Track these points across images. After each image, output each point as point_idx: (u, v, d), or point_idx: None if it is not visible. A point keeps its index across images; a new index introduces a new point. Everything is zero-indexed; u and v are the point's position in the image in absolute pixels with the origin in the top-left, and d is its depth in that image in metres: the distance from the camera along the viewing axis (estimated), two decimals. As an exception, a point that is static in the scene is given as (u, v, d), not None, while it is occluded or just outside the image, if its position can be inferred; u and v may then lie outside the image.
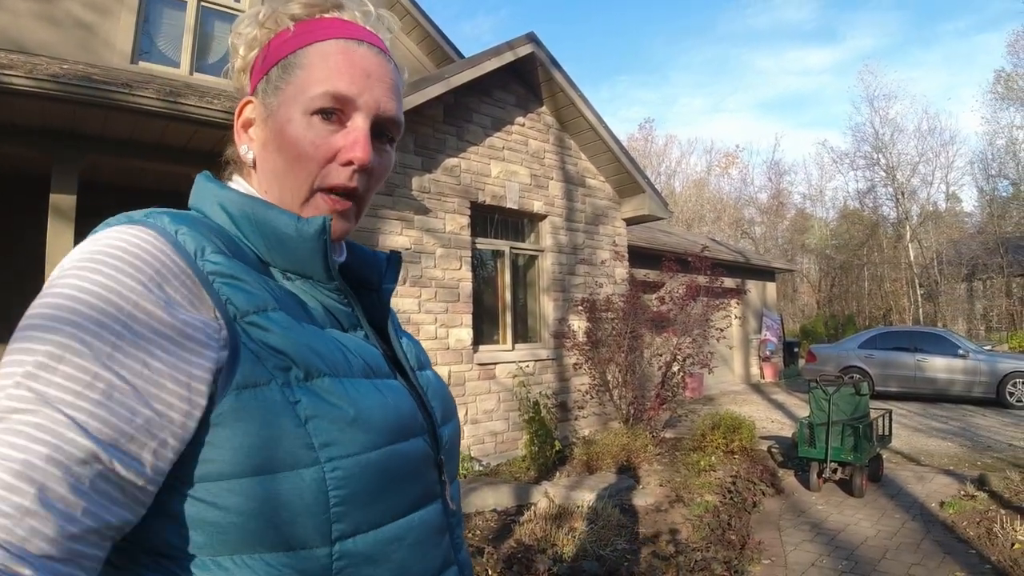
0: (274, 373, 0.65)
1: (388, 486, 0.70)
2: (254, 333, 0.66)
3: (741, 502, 5.76)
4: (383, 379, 0.77)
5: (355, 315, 0.81)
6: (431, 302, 7.05)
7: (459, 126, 7.58)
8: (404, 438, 0.74)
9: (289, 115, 0.75)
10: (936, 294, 30.35)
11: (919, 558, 4.60)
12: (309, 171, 0.76)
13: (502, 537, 4.99)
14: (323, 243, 0.74)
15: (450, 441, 0.85)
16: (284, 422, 0.64)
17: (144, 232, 0.64)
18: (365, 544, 0.68)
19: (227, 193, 0.78)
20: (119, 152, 5.61)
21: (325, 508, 0.64)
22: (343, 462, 0.66)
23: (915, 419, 10.78)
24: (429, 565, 0.75)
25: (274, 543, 0.63)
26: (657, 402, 8.25)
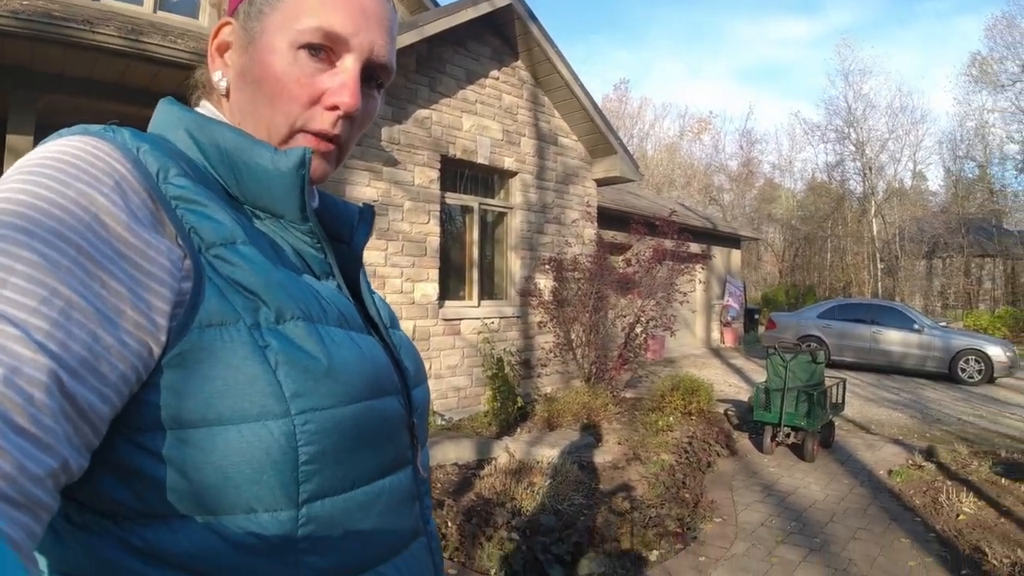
0: (242, 312, 0.58)
1: (361, 445, 0.64)
2: (220, 267, 0.59)
3: (696, 462, 5.88)
4: (357, 332, 0.70)
5: (328, 262, 0.74)
6: (398, 256, 6.99)
7: (432, 77, 7.43)
8: (379, 395, 0.68)
9: (273, 45, 0.68)
10: (896, 269, 31.04)
11: (865, 523, 4.76)
12: (290, 110, 0.69)
13: (462, 490, 5.04)
14: (301, 178, 0.67)
15: (421, 404, 0.79)
16: (251, 367, 0.57)
17: (102, 144, 0.57)
18: (334, 508, 0.62)
19: (194, 117, 0.70)
20: (78, 92, 5.41)
21: (294, 466, 0.58)
22: (316, 415, 0.59)
23: (868, 389, 11.07)
24: (398, 534, 0.70)
25: (233, 504, 0.56)
26: (619, 362, 8.35)
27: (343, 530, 0.62)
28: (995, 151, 31.69)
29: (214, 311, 0.57)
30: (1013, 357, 11.87)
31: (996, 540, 4.24)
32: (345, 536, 0.63)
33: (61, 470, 0.45)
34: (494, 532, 4.01)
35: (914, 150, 36.14)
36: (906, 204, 34.39)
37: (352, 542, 0.63)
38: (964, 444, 6.81)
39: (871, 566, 3.99)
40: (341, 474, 0.62)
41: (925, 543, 4.34)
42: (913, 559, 4.09)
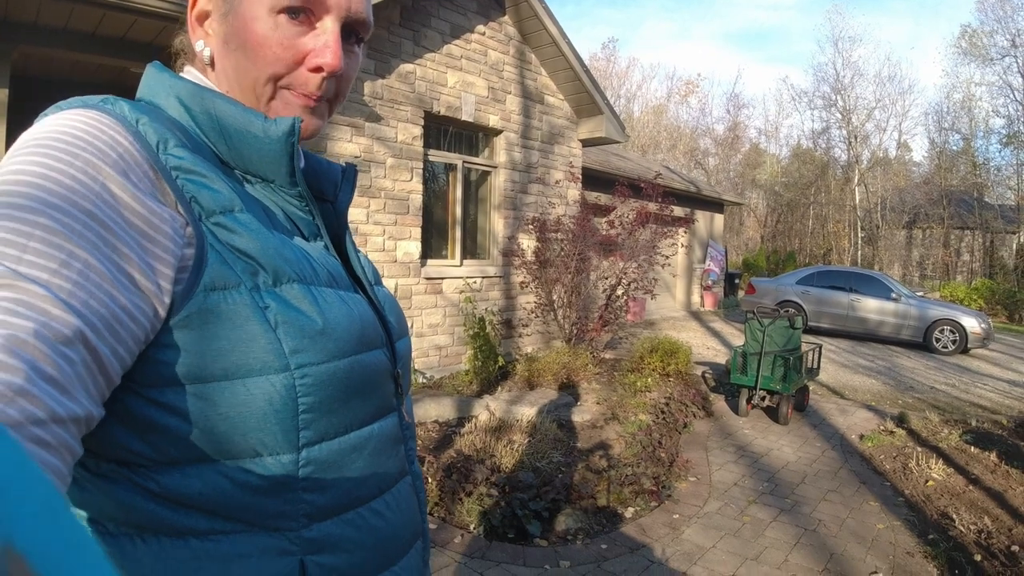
0: (242, 276, 0.63)
1: (353, 395, 0.70)
2: (220, 234, 0.63)
3: (673, 423, 5.96)
4: (345, 291, 0.75)
5: (316, 224, 0.78)
6: (380, 213, 6.93)
7: (416, 30, 7.28)
8: (367, 349, 0.73)
9: (253, 12, 0.69)
10: (876, 238, 31.30)
11: (836, 485, 4.85)
12: (275, 72, 0.71)
13: (443, 447, 5.08)
14: (290, 145, 0.71)
15: (404, 355, 0.85)
16: (254, 327, 0.62)
17: (103, 117, 0.59)
18: (330, 451, 0.68)
19: (185, 85, 0.71)
20: (53, 42, 5.25)
21: (294, 415, 0.64)
22: (312, 369, 0.65)
23: (843, 355, 11.23)
24: (386, 474, 0.76)
25: (240, 450, 0.62)
26: (599, 324, 8.39)
27: (338, 470, 0.69)
28: (980, 124, 31.81)
29: (217, 276, 0.61)
30: (987, 329, 12.06)
31: (964, 507, 4.35)
32: (340, 476, 0.69)
33: (84, 418, 0.48)
34: (474, 488, 4.05)
35: (900, 120, 36.33)
36: (889, 174, 34.56)
37: (346, 481, 0.70)
38: (935, 412, 6.95)
39: (840, 527, 4.08)
40: (336, 421, 0.68)
41: (894, 507, 4.44)
42: (881, 522, 4.19)
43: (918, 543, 3.88)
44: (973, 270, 28.71)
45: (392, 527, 0.76)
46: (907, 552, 3.77)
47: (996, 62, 29.31)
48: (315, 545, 0.67)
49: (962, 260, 29.59)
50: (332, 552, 0.69)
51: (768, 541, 3.85)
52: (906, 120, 35.25)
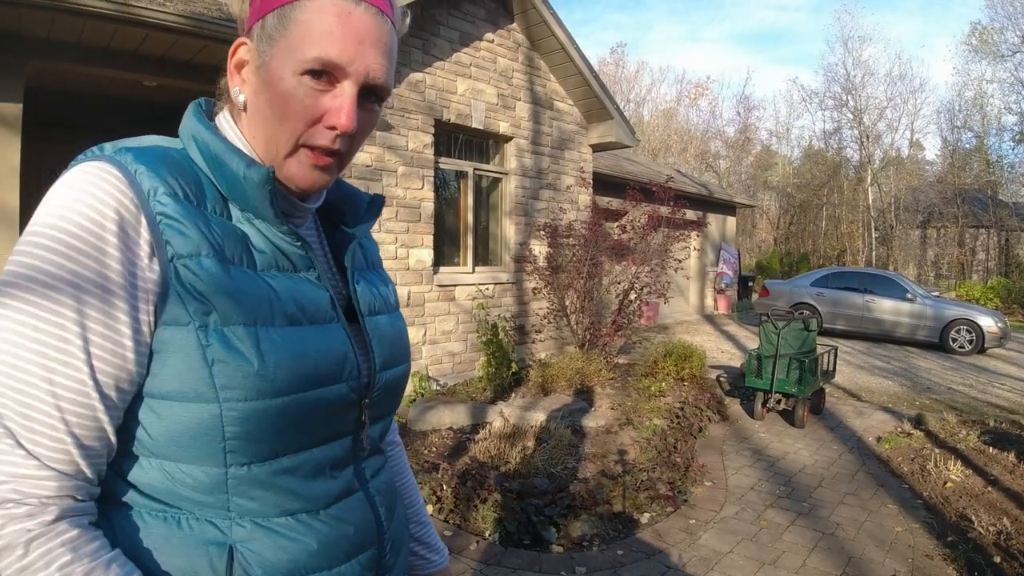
0: (194, 316, 0.73)
1: (287, 427, 0.77)
2: (184, 275, 0.73)
3: (688, 427, 5.94)
4: (320, 324, 0.83)
5: (309, 257, 0.85)
6: (392, 221, 6.96)
7: (425, 39, 7.33)
8: (319, 386, 0.80)
9: (281, 72, 0.77)
10: (890, 238, 31.05)
11: (853, 488, 4.82)
12: (296, 128, 0.78)
13: (457, 454, 5.09)
14: (268, 191, 0.78)
15: (388, 385, 0.92)
16: (194, 361, 0.72)
17: (108, 173, 0.71)
18: (259, 471, 0.77)
19: (199, 129, 0.81)
20: (66, 57, 5.32)
21: (221, 439, 0.73)
22: (239, 404, 0.73)
23: (859, 357, 11.15)
24: (325, 492, 0.83)
25: (178, 456, 0.74)
26: (613, 328, 8.38)
27: (266, 488, 0.78)
28: (993, 122, 31.48)
29: (173, 313, 0.73)
30: (1004, 328, 11.94)
31: (983, 508, 4.30)
32: (268, 492, 0.78)
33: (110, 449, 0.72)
34: (488, 495, 4.06)
35: (912, 119, 36.05)
36: (902, 173, 34.30)
37: (274, 495, 0.79)
38: (953, 413, 6.89)
39: (858, 530, 4.06)
40: (265, 448, 0.77)
41: (912, 509, 4.41)
42: (900, 525, 4.16)
43: (937, 545, 3.85)
44: (989, 269, 28.43)
45: (327, 540, 0.83)
46: (926, 555, 3.74)
47: (1007, 59, 29.05)
48: (245, 537, 0.77)
49: (977, 259, 29.30)
50: (261, 545, 0.77)
51: (786, 545, 3.83)
52: (918, 119, 35.09)
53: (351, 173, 6.52)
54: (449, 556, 3.42)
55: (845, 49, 45.14)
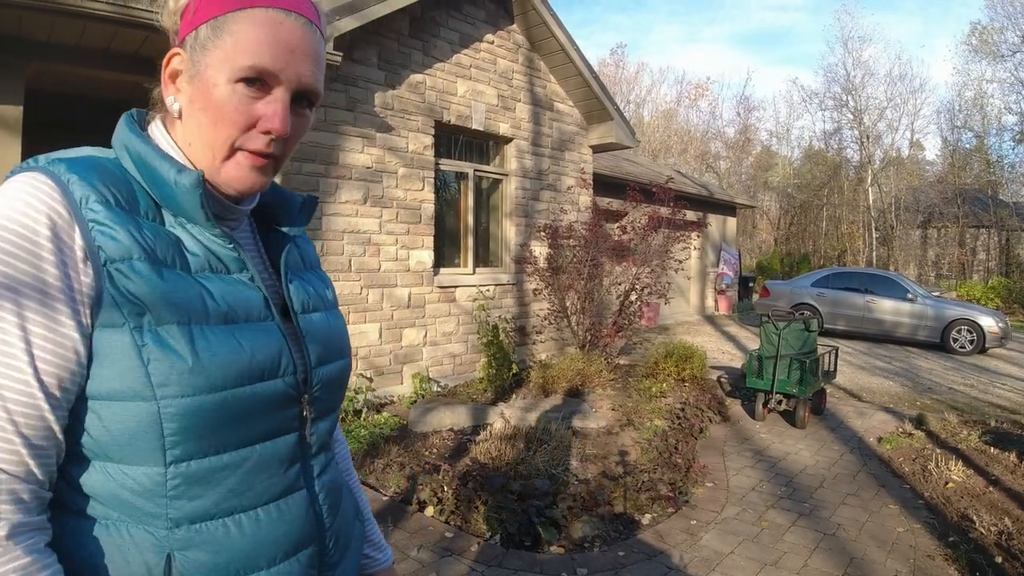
0: (128, 317, 0.75)
1: (225, 423, 0.80)
2: (117, 278, 0.75)
3: (689, 428, 5.94)
4: (254, 323, 0.86)
5: (241, 259, 0.88)
6: (392, 223, 6.96)
7: (425, 41, 7.33)
8: (255, 381, 0.83)
9: (216, 80, 0.80)
10: (891, 239, 31.04)
11: (855, 488, 4.82)
12: (232, 134, 0.82)
13: (458, 455, 5.09)
14: (198, 196, 0.82)
15: (327, 380, 0.94)
16: (130, 361, 0.75)
17: (41, 182, 0.75)
18: (199, 468, 0.79)
19: (130, 138, 0.85)
20: (66, 59, 5.31)
21: (160, 436, 0.76)
22: (176, 401, 0.76)
23: (860, 357, 11.15)
24: (266, 490, 0.86)
25: (119, 457, 0.77)
26: (613, 329, 8.38)
27: (207, 485, 0.80)
28: (993, 122, 31.45)
29: (108, 316, 0.75)
30: (1005, 328, 11.94)
31: (984, 508, 4.30)
32: (209, 489, 0.80)
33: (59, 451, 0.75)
34: (489, 496, 4.06)
35: (912, 119, 36.03)
36: (902, 173, 34.29)
37: (215, 492, 0.81)
38: (954, 413, 6.89)
39: (860, 531, 4.06)
40: (204, 444, 0.79)
41: (914, 510, 4.41)
42: (901, 525, 4.15)
43: (938, 546, 3.84)
44: (989, 269, 28.41)
45: (265, 538, 0.85)
46: (927, 555, 3.74)
47: (1007, 59, 29.03)
48: (182, 543, 0.79)
49: (978, 259, 29.29)
50: (199, 550, 0.80)
51: (787, 546, 3.83)
52: (918, 119, 35.09)
53: (351, 174, 6.52)
54: (450, 557, 3.42)
55: (845, 49, 45.20)
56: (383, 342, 6.90)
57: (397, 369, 7.07)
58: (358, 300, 6.65)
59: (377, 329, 6.84)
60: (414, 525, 3.87)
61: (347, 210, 6.50)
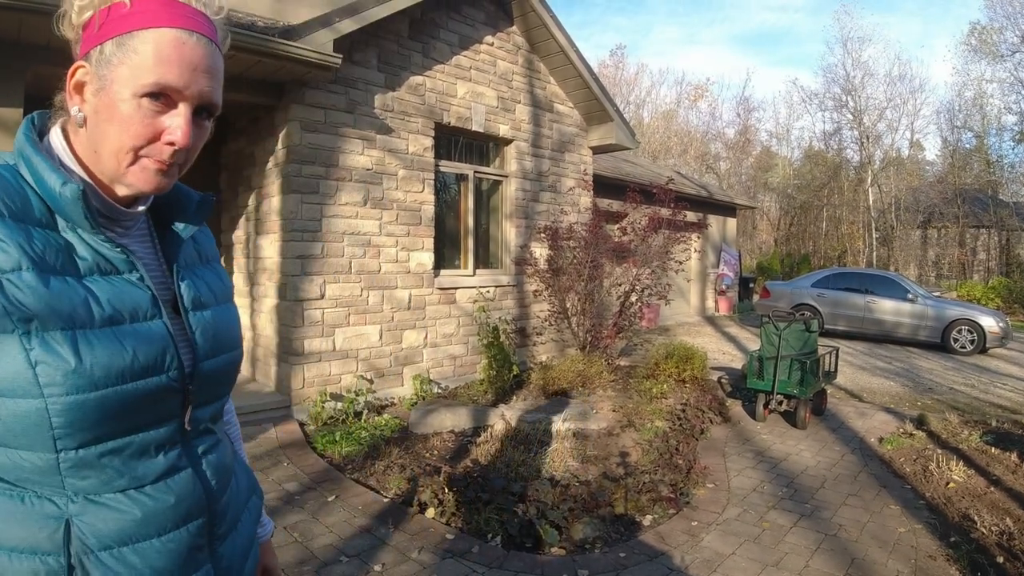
0: (17, 324, 0.82)
1: (107, 418, 0.87)
2: (8, 288, 0.81)
3: (689, 429, 5.93)
4: (140, 322, 0.92)
5: (131, 260, 0.95)
6: (392, 224, 6.96)
7: (425, 42, 7.33)
8: (136, 379, 0.90)
9: (122, 94, 0.86)
10: (891, 239, 31.03)
11: (856, 489, 4.82)
12: (136, 144, 0.89)
13: (459, 457, 5.09)
14: (80, 207, 0.88)
15: (213, 373, 1.03)
16: (19, 363, 0.82)
17: None
18: (87, 454, 0.88)
19: (25, 146, 0.91)
20: (66, 63, 5.29)
21: (48, 428, 0.84)
22: (61, 399, 0.83)
23: (861, 358, 11.14)
24: (149, 470, 0.94)
25: (17, 444, 0.85)
26: (614, 331, 8.38)
27: (95, 467, 0.89)
28: (993, 121, 31.41)
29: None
30: (1005, 328, 11.93)
31: (985, 508, 4.30)
32: (96, 471, 0.89)
33: None
34: (491, 498, 4.06)
35: (912, 119, 36.02)
36: (902, 174, 34.27)
37: (103, 474, 0.90)
38: (955, 413, 6.88)
39: (861, 531, 4.05)
40: (89, 434, 0.87)
41: (915, 510, 4.40)
42: (903, 526, 4.15)
43: (940, 546, 3.84)
44: (990, 268, 28.40)
45: (153, 510, 0.94)
46: (929, 555, 3.73)
47: (1007, 59, 28.98)
48: (79, 511, 0.89)
49: (978, 259, 29.27)
50: (94, 518, 0.89)
51: (788, 547, 3.82)
52: (918, 119, 35.10)
53: (351, 176, 6.53)
54: (451, 559, 3.41)
55: (845, 50, 45.18)
56: (383, 344, 6.90)
57: (397, 371, 7.07)
58: (358, 302, 6.65)
59: (377, 331, 6.84)
60: (415, 527, 3.86)
61: (347, 212, 6.50)
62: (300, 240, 6.15)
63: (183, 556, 0.98)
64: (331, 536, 3.73)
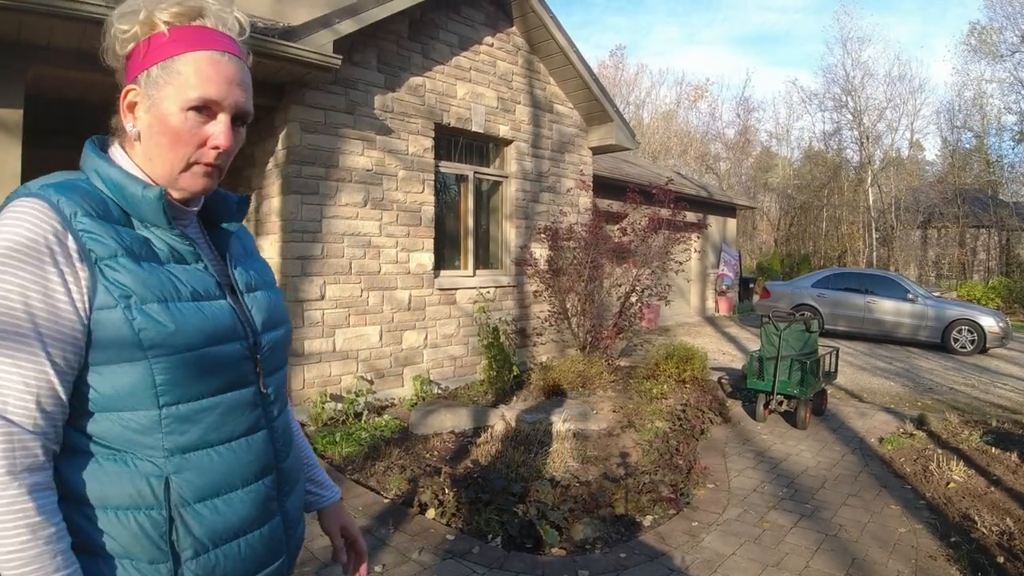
0: (119, 300, 0.97)
1: (200, 375, 1.04)
2: (107, 272, 0.97)
3: (690, 429, 5.93)
4: (210, 300, 1.09)
5: (196, 252, 1.11)
6: (392, 225, 6.96)
7: (425, 43, 7.34)
8: (218, 344, 1.07)
9: (171, 109, 1.03)
10: (891, 239, 31.03)
11: (856, 489, 4.81)
12: (186, 152, 1.06)
13: (459, 457, 5.09)
14: (162, 205, 1.05)
15: (272, 343, 1.20)
16: (125, 332, 0.97)
17: (35, 205, 0.95)
18: (186, 410, 1.03)
19: (100, 164, 1.06)
20: (66, 63, 5.30)
21: (152, 386, 0.99)
22: (163, 359, 0.99)
23: (861, 358, 11.14)
24: (236, 427, 1.10)
25: (123, 406, 0.99)
26: (614, 331, 8.38)
27: (192, 423, 1.04)
28: (992, 121, 31.39)
29: (103, 301, 0.97)
30: (1006, 328, 11.93)
31: (985, 508, 4.30)
32: (193, 426, 1.04)
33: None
34: (491, 498, 4.06)
35: (912, 119, 35.98)
36: (902, 174, 34.27)
37: (198, 428, 1.05)
38: (955, 413, 6.88)
39: (861, 532, 4.05)
40: (186, 392, 1.03)
41: (915, 510, 4.40)
42: (903, 526, 4.15)
43: (940, 546, 3.84)
44: (990, 268, 28.39)
45: (239, 463, 1.10)
46: (929, 555, 3.73)
47: (1006, 59, 28.96)
48: (176, 467, 1.02)
49: (978, 259, 29.27)
50: (190, 473, 1.03)
51: (789, 547, 3.82)
52: (918, 119, 35.11)
53: (351, 177, 6.53)
54: (451, 560, 3.41)
55: (844, 50, 45.10)
56: (383, 344, 6.90)
57: (398, 371, 7.07)
58: (359, 302, 6.65)
59: (378, 331, 6.84)
60: (415, 527, 3.86)
61: (347, 213, 6.50)
62: (300, 241, 6.15)
63: (261, 506, 1.14)
64: (331, 537, 3.72)
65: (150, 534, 1.00)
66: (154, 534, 1.00)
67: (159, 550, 1.01)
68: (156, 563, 1.01)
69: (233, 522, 1.08)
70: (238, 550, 1.10)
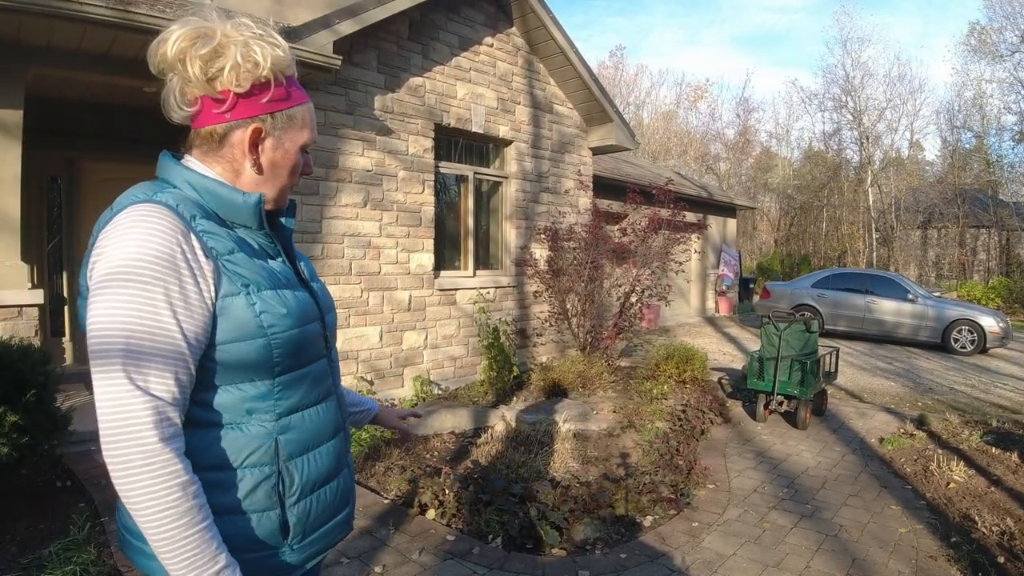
0: (241, 288, 1.16)
1: (301, 348, 1.26)
2: (228, 266, 1.16)
3: (690, 429, 5.93)
4: (295, 289, 1.30)
5: (277, 248, 1.33)
6: (392, 226, 6.96)
7: (425, 44, 7.34)
8: (309, 322, 1.29)
9: (292, 149, 1.30)
10: (891, 239, 31.01)
11: (857, 489, 4.81)
12: (295, 178, 1.34)
13: (459, 458, 5.09)
14: (259, 210, 1.25)
15: (331, 324, 1.44)
16: (248, 314, 1.16)
17: (161, 210, 1.11)
18: (291, 378, 1.25)
19: (191, 174, 1.22)
20: (66, 64, 5.30)
21: (271, 359, 1.20)
22: (280, 334, 1.20)
23: (861, 358, 11.14)
24: (320, 393, 1.34)
25: (243, 378, 1.19)
26: (614, 331, 8.38)
27: (294, 389, 1.26)
28: (992, 121, 31.31)
29: (228, 289, 1.15)
30: (1006, 328, 11.93)
31: (986, 508, 4.30)
32: (295, 391, 1.26)
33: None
34: (491, 499, 4.06)
35: (912, 119, 35.90)
36: (902, 174, 34.25)
37: (298, 394, 1.27)
38: (955, 413, 6.87)
39: (862, 532, 4.05)
40: (293, 361, 1.24)
41: (915, 510, 4.40)
42: (903, 526, 4.15)
43: (940, 546, 3.84)
44: (990, 269, 28.38)
45: (323, 423, 1.34)
46: (930, 556, 3.73)
47: (1006, 59, 28.90)
48: (282, 428, 1.24)
49: (978, 259, 29.25)
50: (292, 432, 1.26)
51: (789, 547, 3.82)
52: (918, 119, 35.07)
53: (351, 177, 6.53)
54: (452, 560, 3.40)
55: (844, 50, 45.04)
56: (384, 345, 6.90)
57: (398, 372, 7.07)
58: (359, 303, 6.65)
59: (378, 332, 6.84)
60: (416, 528, 3.86)
61: (347, 213, 6.51)
62: (300, 241, 6.15)
63: (338, 458, 1.39)
64: (332, 537, 3.72)
65: (264, 487, 1.20)
66: (267, 486, 1.20)
67: (270, 499, 1.21)
68: (268, 511, 1.21)
69: (322, 473, 1.32)
70: (325, 496, 1.33)
